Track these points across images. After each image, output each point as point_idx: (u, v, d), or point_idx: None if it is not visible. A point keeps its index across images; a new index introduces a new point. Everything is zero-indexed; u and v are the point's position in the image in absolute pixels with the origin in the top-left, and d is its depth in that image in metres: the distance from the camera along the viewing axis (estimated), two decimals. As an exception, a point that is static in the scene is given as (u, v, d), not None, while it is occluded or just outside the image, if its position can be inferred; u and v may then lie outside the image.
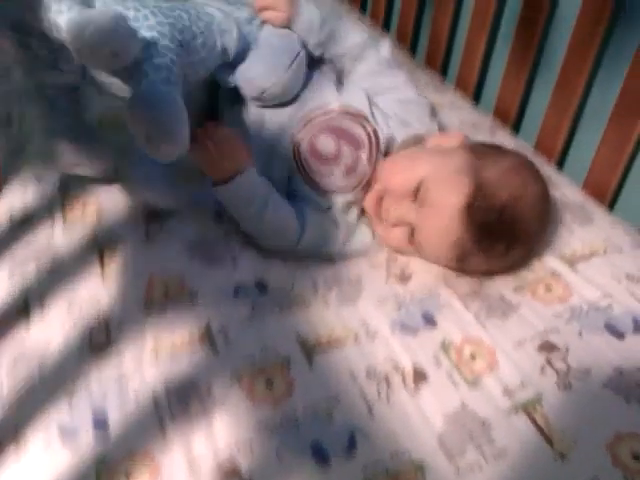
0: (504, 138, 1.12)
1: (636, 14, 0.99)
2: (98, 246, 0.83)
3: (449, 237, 0.80)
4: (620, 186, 1.06)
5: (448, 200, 0.80)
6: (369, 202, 0.89)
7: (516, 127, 1.26)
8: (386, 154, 0.91)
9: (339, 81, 0.97)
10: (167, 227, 0.87)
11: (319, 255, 0.87)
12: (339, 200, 0.89)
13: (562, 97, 1.12)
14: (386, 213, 0.86)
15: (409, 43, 1.50)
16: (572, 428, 0.67)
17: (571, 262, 0.88)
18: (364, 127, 0.89)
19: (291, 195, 0.89)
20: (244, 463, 0.62)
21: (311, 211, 0.87)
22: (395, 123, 0.92)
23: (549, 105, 1.15)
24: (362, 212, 0.92)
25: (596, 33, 1.03)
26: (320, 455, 0.63)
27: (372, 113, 0.90)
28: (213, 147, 0.81)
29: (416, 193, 0.83)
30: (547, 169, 1.04)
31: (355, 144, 0.88)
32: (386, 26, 1.59)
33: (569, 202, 0.98)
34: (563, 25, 1.11)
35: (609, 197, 1.06)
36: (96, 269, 0.80)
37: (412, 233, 0.83)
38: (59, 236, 0.84)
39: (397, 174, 0.86)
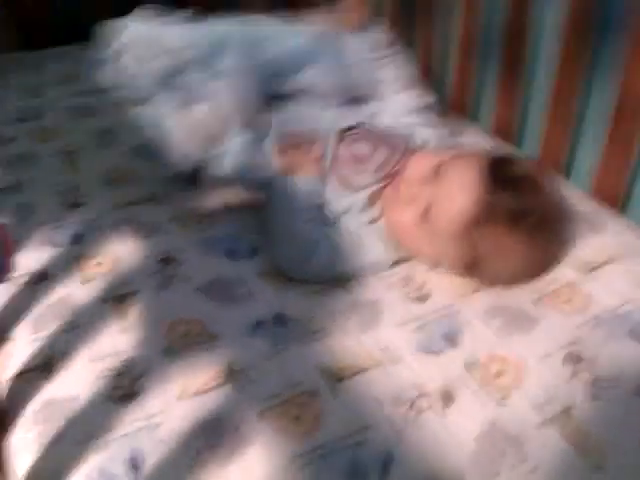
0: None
1: (624, 12, 1.00)
2: (115, 297, 0.84)
3: (461, 218, 0.80)
4: (629, 188, 1.06)
5: (465, 173, 0.83)
6: (391, 187, 0.91)
7: (518, 141, 1.27)
8: None
9: None
10: (181, 272, 0.88)
11: (334, 274, 0.87)
12: (362, 196, 0.91)
13: (561, 104, 1.12)
14: (404, 192, 0.87)
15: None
16: (605, 438, 0.66)
17: (588, 270, 0.88)
18: (399, 140, 0.97)
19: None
20: (278, 500, 0.62)
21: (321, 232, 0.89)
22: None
23: (549, 114, 1.15)
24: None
25: (588, 33, 1.04)
26: (354, 485, 0.63)
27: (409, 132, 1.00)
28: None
29: (436, 174, 0.85)
30: (554, 180, 1.04)
31: (391, 147, 0.95)
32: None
33: (580, 210, 0.99)
34: (554, 33, 1.12)
35: (619, 201, 1.05)
36: (115, 320, 0.81)
37: (426, 212, 0.84)
38: (77, 291, 0.85)
39: (421, 159, 0.91)
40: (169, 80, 0.92)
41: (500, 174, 0.82)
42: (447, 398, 0.71)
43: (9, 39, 1.60)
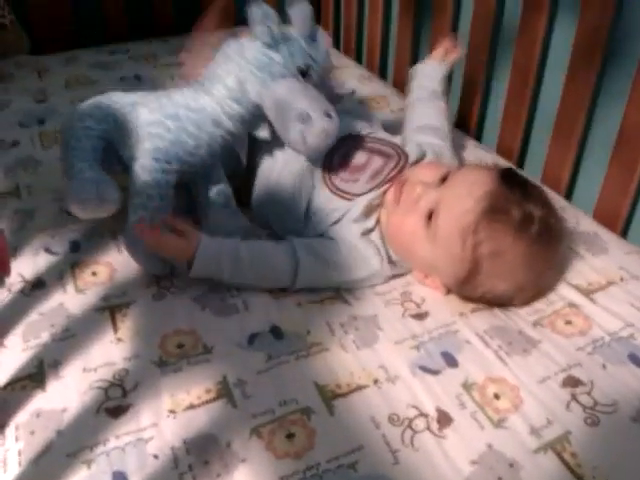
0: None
1: (630, 35, 1.00)
2: (110, 308, 0.83)
3: (468, 216, 0.79)
4: (632, 212, 1.05)
5: (475, 177, 0.83)
6: (391, 188, 0.90)
7: (521, 161, 1.27)
8: None
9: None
10: (177, 282, 0.87)
11: (324, 286, 0.87)
12: (361, 204, 0.89)
13: (565, 126, 1.12)
14: (409, 197, 0.86)
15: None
16: (603, 465, 0.65)
17: (588, 293, 0.87)
18: (394, 149, 0.95)
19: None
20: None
21: (308, 245, 0.87)
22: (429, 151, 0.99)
23: (552, 136, 1.15)
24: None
25: (594, 58, 1.04)
26: (346, 507, 0.62)
27: (403, 144, 0.98)
28: (155, 249, 0.84)
29: (441, 182, 0.85)
30: (556, 200, 1.04)
31: (385, 156, 0.94)
32: (382, 75, 1.62)
33: (581, 232, 0.98)
34: (560, 55, 1.13)
35: (621, 224, 1.05)
36: (109, 331, 0.80)
37: (429, 217, 0.83)
38: (71, 301, 0.84)
39: (428, 167, 0.92)
40: None
41: (510, 181, 0.82)
42: (444, 419, 0.70)
43: (17, 44, 1.60)
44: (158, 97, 0.90)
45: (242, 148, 0.92)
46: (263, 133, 0.89)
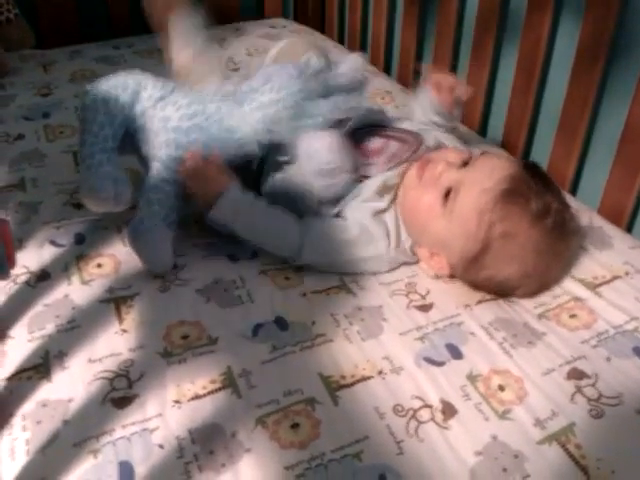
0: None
1: (635, 33, 1.00)
2: (115, 299, 0.83)
3: (487, 195, 0.80)
4: (636, 207, 1.05)
5: (497, 162, 0.85)
6: (415, 164, 0.91)
7: (525, 156, 1.26)
8: None
9: None
10: (182, 275, 0.87)
11: (329, 265, 0.87)
12: (375, 183, 0.90)
13: (570, 122, 1.12)
14: (430, 173, 0.87)
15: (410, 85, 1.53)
16: (608, 457, 0.65)
17: (593, 286, 0.87)
18: (411, 135, 0.96)
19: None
20: (273, 509, 0.61)
21: (318, 219, 0.89)
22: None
23: (557, 131, 1.15)
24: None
25: (599, 53, 1.04)
26: (351, 497, 0.62)
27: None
28: (195, 180, 0.86)
29: (463, 164, 0.86)
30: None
31: (401, 141, 0.94)
32: (387, 71, 1.62)
33: (587, 226, 0.98)
34: (565, 53, 1.12)
35: (626, 219, 1.05)
36: (114, 322, 0.80)
37: (447, 195, 0.84)
38: (76, 292, 0.85)
39: (452, 149, 0.94)
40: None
41: (532, 172, 0.84)
42: (449, 410, 0.70)
43: (23, 38, 1.60)
44: (190, 102, 0.88)
45: (255, 160, 0.93)
46: (283, 158, 0.90)
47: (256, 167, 0.95)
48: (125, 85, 0.88)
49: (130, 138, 0.90)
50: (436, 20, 1.40)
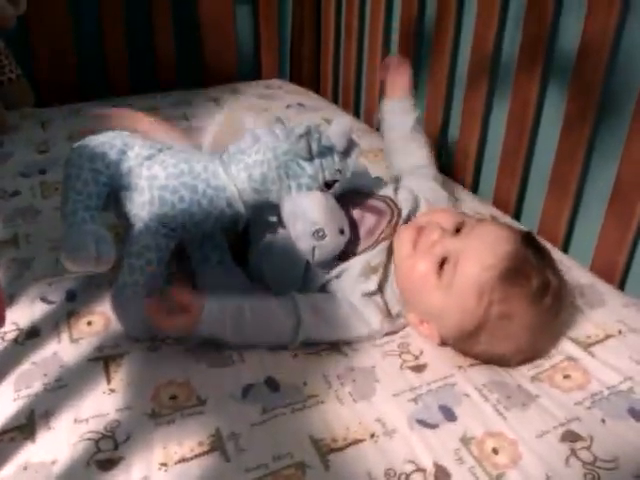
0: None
1: (623, 91, 1.02)
2: (104, 358, 0.82)
3: (489, 273, 0.78)
4: (628, 263, 1.06)
5: (498, 233, 0.83)
6: (407, 230, 0.89)
7: (517, 214, 1.28)
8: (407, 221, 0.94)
9: None
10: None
11: (324, 342, 0.86)
12: (358, 265, 0.88)
13: (560, 179, 1.14)
14: (425, 240, 0.85)
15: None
16: (606, 523, 0.64)
17: (587, 346, 0.87)
18: (387, 203, 0.95)
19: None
20: None
21: (311, 304, 0.86)
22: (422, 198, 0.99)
23: (548, 189, 1.17)
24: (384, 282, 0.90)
25: (587, 112, 1.06)
26: None
27: (396, 194, 0.98)
28: (165, 324, 0.81)
29: (459, 229, 0.85)
30: (553, 253, 1.04)
31: (377, 213, 0.93)
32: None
33: (579, 285, 0.98)
34: (554, 110, 1.15)
35: (618, 276, 1.05)
36: (102, 381, 0.79)
37: (442, 265, 0.82)
38: (65, 350, 0.84)
39: (444, 213, 0.92)
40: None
41: (530, 245, 0.83)
42: (442, 474, 0.68)
43: (23, 97, 1.64)
44: (178, 162, 0.87)
45: (242, 222, 0.91)
46: (272, 219, 0.90)
47: (242, 230, 0.94)
48: (112, 143, 0.89)
49: (114, 197, 0.89)
50: (427, 78, 1.43)
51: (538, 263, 0.81)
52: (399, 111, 1.13)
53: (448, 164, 1.42)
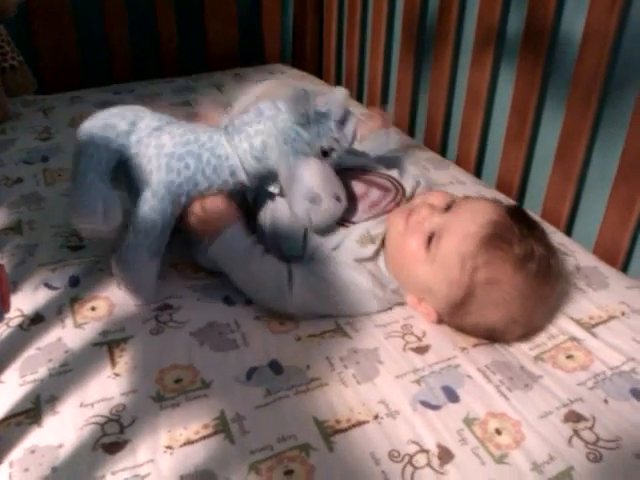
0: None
1: (630, 72, 1.02)
2: (108, 343, 0.83)
3: (470, 240, 0.80)
4: (632, 246, 1.06)
5: (481, 207, 0.85)
6: (400, 210, 0.92)
7: (520, 197, 1.27)
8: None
9: None
10: (176, 317, 0.87)
11: (318, 310, 0.87)
12: (357, 232, 0.90)
13: (564, 162, 1.13)
14: (415, 218, 0.87)
15: (407, 126, 1.55)
16: (608, 502, 0.64)
17: (590, 327, 0.87)
18: (392, 182, 0.97)
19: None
20: None
21: (305, 266, 0.89)
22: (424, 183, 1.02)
23: (552, 172, 1.16)
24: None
25: (592, 95, 1.05)
26: None
27: (401, 177, 1.00)
28: (200, 212, 0.89)
29: (447, 209, 0.86)
30: (556, 236, 1.04)
31: (383, 189, 0.95)
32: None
33: (582, 267, 0.98)
34: (559, 92, 1.14)
35: (621, 258, 1.05)
36: (107, 366, 0.79)
37: (431, 238, 0.84)
38: (69, 335, 0.84)
39: (436, 193, 0.95)
40: None
41: (516, 216, 0.84)
42: (445, 455, 0.69)
43: (26, 84, 1.64)
44: (185, 132, 0.90)
45: (250, 193, 0.96)
46: (274, 189, 0.92)
47: (252, 200, 0.98)
48: (123, 115, 0.91)
49: (123, 168, 0.91)
50: (432, 61, 1.42)
51: (522, 231, 0.81)
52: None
53: (449, 153, 1.42)
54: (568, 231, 1.17)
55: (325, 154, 0.87)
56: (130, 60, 1.76)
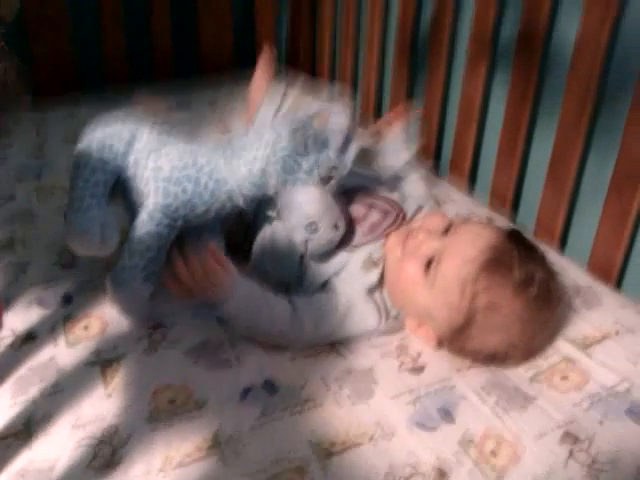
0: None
1: (622, 85, 1.02)
2: (101, 362, 0.82)
3: (469, 265, 0.79)
4: (625, 260, 1.06)
5: (480, 231, 0.84)
6: (396, 234, 0.91)
7: (514, 210, 1.28)
8: None
9: None
10: (170, 336, 0.86)
11: (324, 340, 0.86)
12: (360, 257, 0.90)
13: (557, 176, 1.14)
14: (412, 243, 0.87)
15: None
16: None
17: (584, 346, 0.87)
18: (392, 205, 0.96)
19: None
20: None
21: (306, 298, 0.88)
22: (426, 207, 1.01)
23: (545, 185, 1.16)
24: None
25: (584, 107, 1.06)
26: None
27: (402, 200, 0.99)
28: (194, 278, 0.82)
29: (445, 232, 0.86)
30: (549, 252, 1.04)
31: (383, 212, 0.95)
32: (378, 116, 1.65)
33: (576, 285, 0.98)
34: (551, 105, 1.15)
35: (615, 275, 1.05)
36: (99, 386, 0.79)
37: (429, 265, 0.83)
38: (62, 355, 0.83)
39: (433, 216, 0.93)
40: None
41: (515, 240, 0.84)
42: (441, 477, 0.68)
43: (18, 86, 1.63)
44: (182, 155, 0.89)
45: (247, 216, 0.96)
46: (271, 213, 0.92)
47: (249, 223, 0.97)
48: (120, 135, 0.90)
49: (121, 188, 0.91)
50: (425, 78, 1.43)
51: (521, 256, 0.81)
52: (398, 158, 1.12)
53: (443, 166, 1.42)
54: (562, 245, 1.17)
55: (324, 181, 0.87)
56: (125, 63, 1.76)
